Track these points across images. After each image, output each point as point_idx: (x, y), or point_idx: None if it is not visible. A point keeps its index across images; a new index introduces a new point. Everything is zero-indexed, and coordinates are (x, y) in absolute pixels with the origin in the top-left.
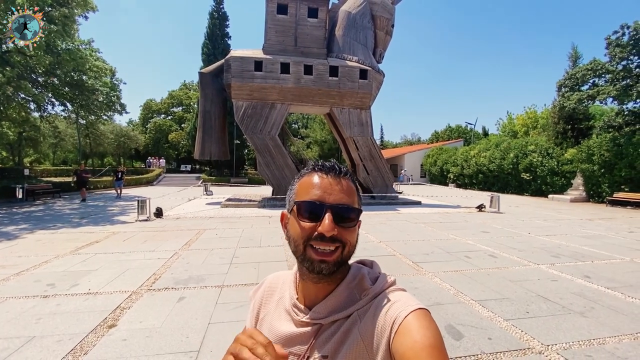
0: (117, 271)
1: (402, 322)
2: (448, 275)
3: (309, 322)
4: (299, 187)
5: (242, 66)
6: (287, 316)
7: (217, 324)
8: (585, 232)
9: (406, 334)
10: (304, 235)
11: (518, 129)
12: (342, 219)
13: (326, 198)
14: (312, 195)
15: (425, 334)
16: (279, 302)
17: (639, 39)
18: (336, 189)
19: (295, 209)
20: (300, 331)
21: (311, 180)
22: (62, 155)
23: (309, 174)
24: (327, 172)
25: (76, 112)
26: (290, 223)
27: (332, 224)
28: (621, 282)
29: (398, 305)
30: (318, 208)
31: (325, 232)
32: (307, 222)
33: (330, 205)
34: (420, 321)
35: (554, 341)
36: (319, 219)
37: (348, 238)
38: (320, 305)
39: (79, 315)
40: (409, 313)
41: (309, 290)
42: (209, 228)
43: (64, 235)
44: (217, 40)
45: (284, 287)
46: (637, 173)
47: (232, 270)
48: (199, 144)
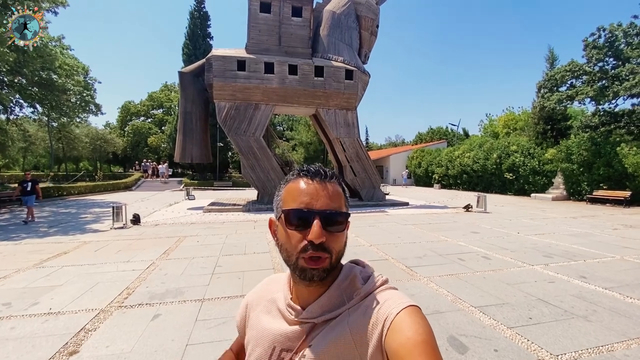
0: (85, 286)
1: (394, 319)
2: (444, 280)
3: (302, 321)
4: (286, 194)
5: (224, 65)
6: (279, 315)
7: (196, 346)
8: (571, 230)
9: (398, 330)
10: (295, 247)
11: (499, 130)
12: (330, 223)
13: (314, 204)
14: (299, 202)
15: (417, 330)
16: (273, 302)
17: (615, 41)
18: (323, 194)
19: (283, 217)
20: (293, 329)
21: (297, 187)
22: (33, 160)
23: (294, 180)
24: (313, 177)
25: (47, 114)
26: (280, 231)
27: (321, 230)
28: (617, 281)
29: (390, 303)
30: (306, 215)
31: (314, 239)
32: (296, 231)
33: (318, 212)
34: (412, 317)
35: (563, 350)
36: (308, 225)
37: (335, 246)
38: (313, 305)
39: (35, 341)
40: (400, 310)
41: (302, 292)
42: (190, 235)
43: (29, 246)
44: (199, 40)
45: (279, 288)
46: (614, 171)
47: (214, 281)
48: (180, 147)
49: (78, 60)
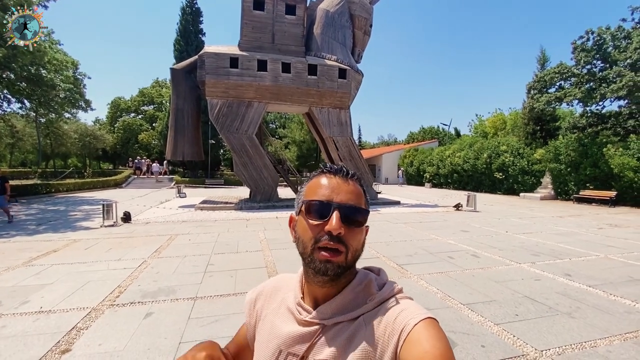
0: (76, 284)
1: (411, 330)
2: (434, 278)
3: (312, 321)
4: (308, 189)
5: (216, 62)
6: (290, 315)
7: (189, 344)
8: (558, 229)
9: (416, 343)
10: (312, 236)
11: (488, 130)
12: (349, 219)
13: (334, 197)
14: (320, 195)
15: (435, 344)
16: (282, 301)
17: (603, 44)
18: (344, 189)
19: (303, 208)
20: (302, 330)
21: (319, 181)
22: (20, 157)
23: (317, 176)
24: (335, 173)
25: (35, 110)
26: (299, 224)
27: (340, 223)
28: (600, 279)
29: (406, 313)
30: (326, 207)
31: (332, 230)
32: (315, 222)
33: (338, 205)
34: (429, 331)
35: (547, 346)
36: (327, 217)
37: (352, 242)
38: (325, 305)
39: (26, 339)
40: (418, 322)
41: (314, 293)
42: (182, 233)
43: (17, 244)
44: (191, 36)
45: (289, 287)
46: (600, 172)
47: (206, 279)
48: (171, 144)
49: (67, 54)
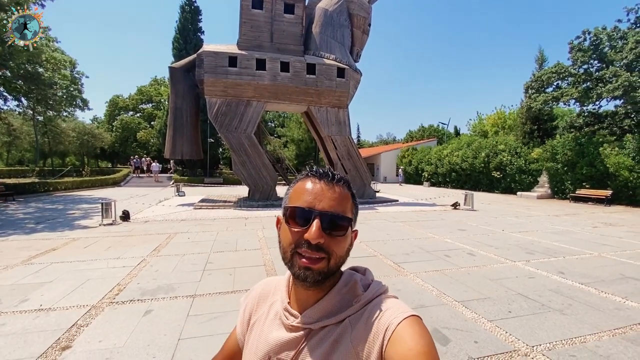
0: (75, 282)
1: (395, 329)
2: (429, 276)
3: (298, 326)
4: (293, 193)
5: (215, 61)
6: (277, 321)
7: (188, 340)
8: (554, 227)
9: (399, 341)
10: (292, 242)
11: (488, 129)
12: (331, 226)
13: (316, 204)
14: (302, 201)
15: (418, 341)
16: (271, 307)
17: (599, 45)
18: (327, 195)
19: (286, 213)
20: (290, 336)
21: (304, 186)
22: (17, 155)
23: (302, 180)
24: (321, 177)
25: (32, 108)
26: (282, 228)
27: (319, 232)
28: (593, 277)
29: (390, 313)
30: (306, 214)
31: (311, 239)
32: (295, 229)
33: (319, 212)
34: (413, 328)
35: (538, 342)
36: (308, 225)
37: (334, 249)
38: (310, 310)
39: (27, 337)
40: (401, 320)
41: (300, 296)
42: (181, 232)
43: (16, 243)
44: (189, 35)
45: (277, 292)
46: (597, 171)
47: (205, 277)
48: (170, 143)
49: (65, 53)
